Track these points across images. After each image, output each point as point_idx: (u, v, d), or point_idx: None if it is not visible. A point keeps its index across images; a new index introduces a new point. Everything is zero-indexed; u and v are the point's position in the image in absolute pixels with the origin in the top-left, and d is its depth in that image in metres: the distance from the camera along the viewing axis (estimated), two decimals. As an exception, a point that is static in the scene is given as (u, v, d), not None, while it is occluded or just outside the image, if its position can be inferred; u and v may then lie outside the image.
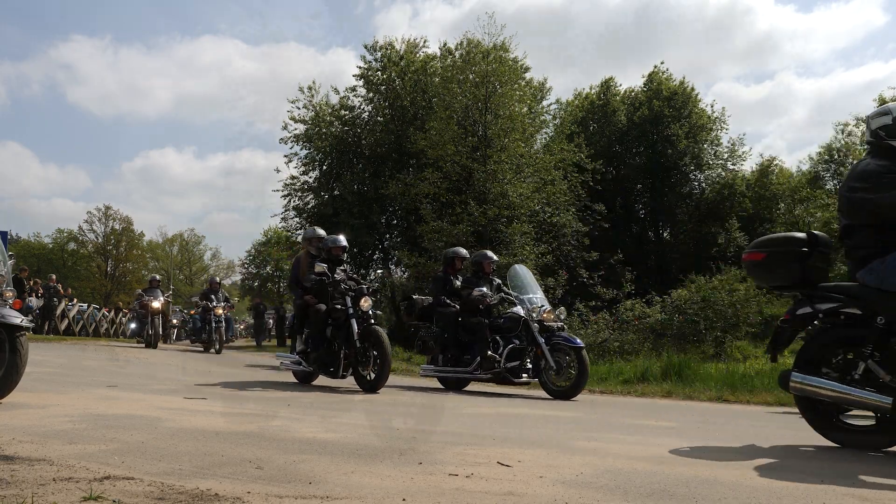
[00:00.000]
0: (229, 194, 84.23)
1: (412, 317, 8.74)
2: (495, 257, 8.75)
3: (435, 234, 17.84)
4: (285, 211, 24.67)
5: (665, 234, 31.02)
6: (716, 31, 71.95)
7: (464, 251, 8.93)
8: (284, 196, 24.37)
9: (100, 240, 53.95)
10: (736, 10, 71.65)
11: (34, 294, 18.75)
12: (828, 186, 29.56)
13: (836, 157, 30.61)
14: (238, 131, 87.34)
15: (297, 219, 24.92)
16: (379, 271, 25.18)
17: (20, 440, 3.22)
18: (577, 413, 5.93)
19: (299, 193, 24.47)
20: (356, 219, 22.19)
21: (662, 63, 42.60)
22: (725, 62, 72.83)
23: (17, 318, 4.52)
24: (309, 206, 24.64)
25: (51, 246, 54.73)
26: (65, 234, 54.87)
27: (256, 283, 43.56)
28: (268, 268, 47.28)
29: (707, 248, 26.90)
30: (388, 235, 25.47)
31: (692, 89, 29.13)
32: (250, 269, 46.18)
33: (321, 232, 8.41)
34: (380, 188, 21.48)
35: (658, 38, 68.82)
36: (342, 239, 7.92)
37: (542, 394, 7.69)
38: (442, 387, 8.37)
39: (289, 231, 26.65)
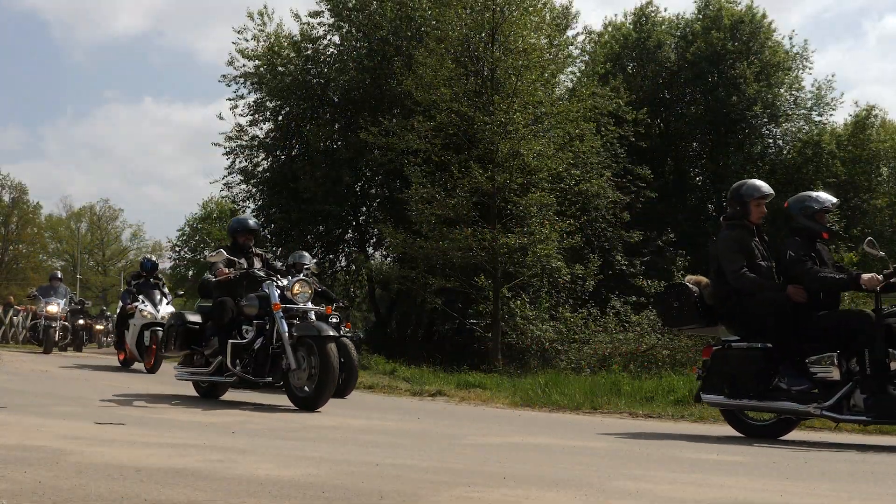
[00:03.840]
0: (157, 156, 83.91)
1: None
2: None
3: (424, 206, 17.78)
4: (228, 174, 24.60)
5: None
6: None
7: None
8: (227, 154, 24.27)
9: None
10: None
11: None
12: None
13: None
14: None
15: (243, 185, 24.83)
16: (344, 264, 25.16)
17: None
18: (615, 444, 5.94)
19: (247, 151, 24.36)
20: (322, 185, 22.09)
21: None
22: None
23: None
24: (259, 169, 24.53)
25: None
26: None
27: (192, 272, 43.49)
28: (206, 251, 46.97)
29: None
30: (364, 208, 25.41)
31: (763, 16, 28.99)
32: (183, 252, 46.10)
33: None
34: (353, 143, 21.36)
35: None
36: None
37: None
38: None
39: (235, 203, 26.54)
